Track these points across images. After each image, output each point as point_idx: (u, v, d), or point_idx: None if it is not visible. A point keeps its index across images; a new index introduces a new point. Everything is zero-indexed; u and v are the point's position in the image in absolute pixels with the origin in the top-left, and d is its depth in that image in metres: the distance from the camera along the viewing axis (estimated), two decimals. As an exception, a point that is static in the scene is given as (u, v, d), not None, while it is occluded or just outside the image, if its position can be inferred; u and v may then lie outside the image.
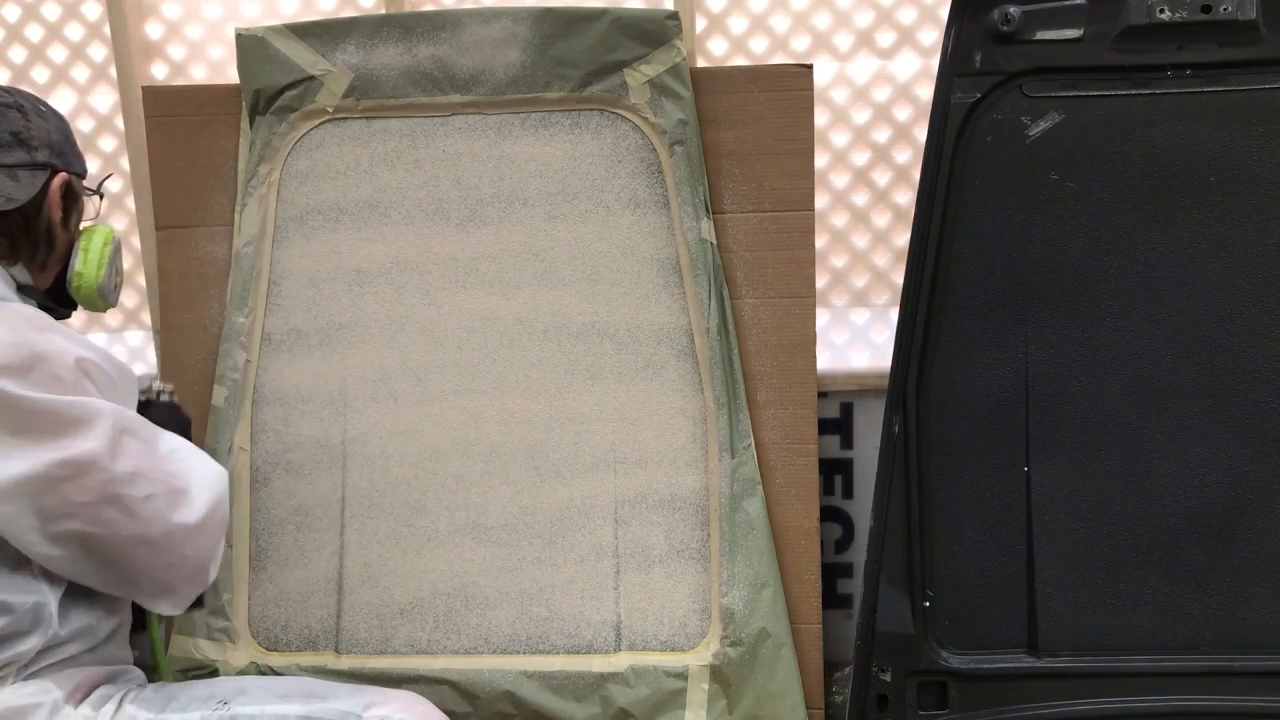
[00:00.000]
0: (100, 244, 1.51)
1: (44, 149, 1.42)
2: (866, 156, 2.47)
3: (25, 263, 1.43)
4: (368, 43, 2.24)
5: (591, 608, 2.25)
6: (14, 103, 1.42)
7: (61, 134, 1.47)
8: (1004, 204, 1.88)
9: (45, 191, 1.42)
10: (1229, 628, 1.93)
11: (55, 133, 1.46)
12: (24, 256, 1.42)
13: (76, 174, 1.50)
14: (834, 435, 2.48)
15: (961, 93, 1.83)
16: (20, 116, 1.41)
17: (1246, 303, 1.88)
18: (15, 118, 1.40)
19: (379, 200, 2.29)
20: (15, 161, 1.38)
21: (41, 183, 1.41)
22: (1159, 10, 1.79)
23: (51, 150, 1.43)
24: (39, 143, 1.41)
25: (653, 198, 2.24)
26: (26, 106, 1.43)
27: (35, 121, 1.43)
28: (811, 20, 2.43)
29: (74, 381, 1.29)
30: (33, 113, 1.43)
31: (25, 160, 1.39)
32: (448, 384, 2.29)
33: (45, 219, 1.43)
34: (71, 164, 1.48)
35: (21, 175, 1.39)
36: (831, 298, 2.54)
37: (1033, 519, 1.93)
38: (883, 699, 1.99)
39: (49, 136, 1.44)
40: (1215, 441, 1.90)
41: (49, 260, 1.47)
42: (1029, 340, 1.91)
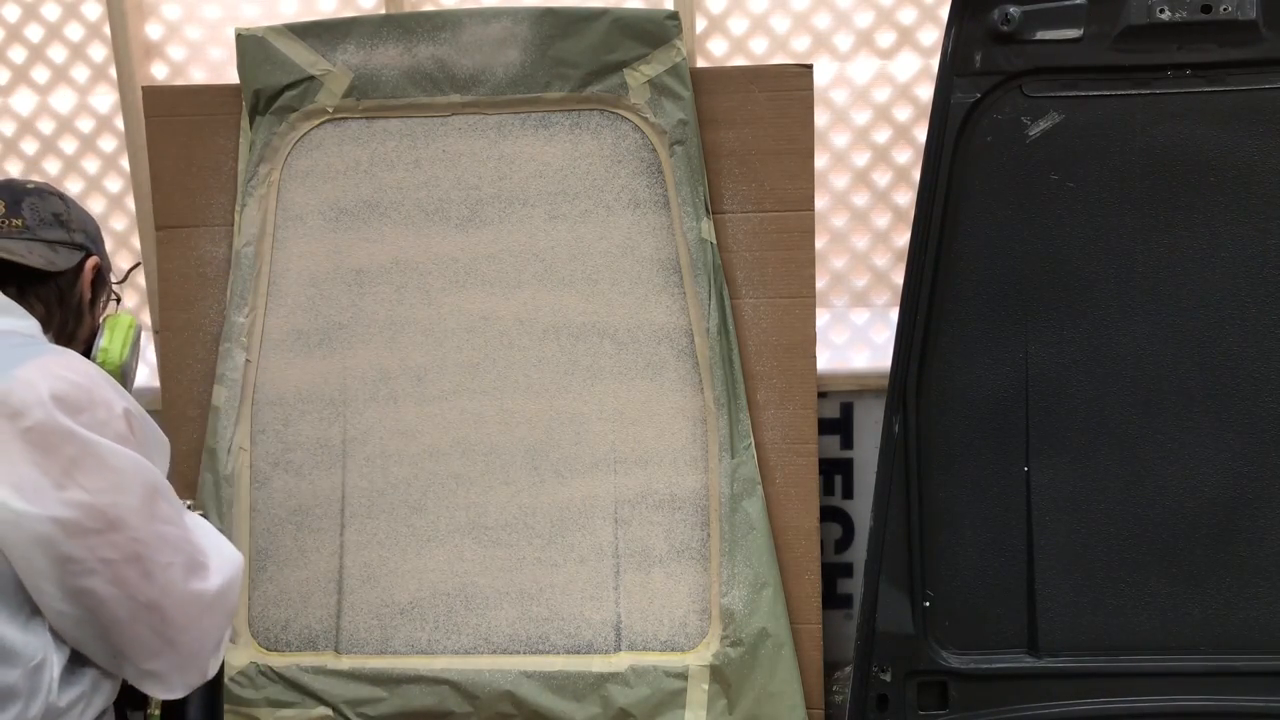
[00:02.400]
0: (126, 325, 1.60)
1: (80, 233, 1.53)
2: (866, 157, 2.47)
3: (56, 333, 1.49)
4: (368, 43, 2.24)
5: (591, 608, 2.25)
6: (56, 192, 1.55)
7: (96, 229, 1.59)
8: (1004, 204, 1.88)
9: (80, 270, 1.52)
10: (1229, 628, 1.93)
11: (90, 224, 1.56)
12: (55, 326, 1.49)
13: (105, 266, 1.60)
14: (834, 435, 2.48)
15: (961, 93, 1.83)
16: (61, 203, 1.53)
17: (1246, 303, 1.88)
18: (57, 203, 1.52)
19: (379, 200, 2.29)
20: (55, 238, 1.49)
21: (77, 260, 1.52)
22: (1159, 10, 1.79)
23: (87, 236, 1.54)
24: (76, 227, 1.53)
25: (653, 198, 2.24)
26: (67, 197, 1.56)
27: (74, 210, 1.54)
28: (811, 20, 2.43)
29: (121, 432, 1.32)
30: (72, 204, 1.55)
31: (64, 238, 1.50)
32: (448, 384, 2.29)
33: (78, 294, 1.53)
34: (103, 255, 1.59)
35: (60, 250, 1.49)
36: (831, 298, 2.54)
37: (1033, 519, 1.93)
38: (883, 699, 1.99)
39: (85, 225, 1.55)
40: (1215, 442, 1.90)
41: (76, 335, 1.54)
42: (1029, 340, 1.91)
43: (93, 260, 1.53)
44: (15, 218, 1.47)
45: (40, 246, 1.46)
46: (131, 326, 1.61)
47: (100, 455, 1.26)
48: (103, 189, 2.64)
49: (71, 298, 1.51)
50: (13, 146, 2.64)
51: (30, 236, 1.46)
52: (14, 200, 1.48)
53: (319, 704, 2.25)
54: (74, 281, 1.51)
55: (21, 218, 1.47)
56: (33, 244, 1.46)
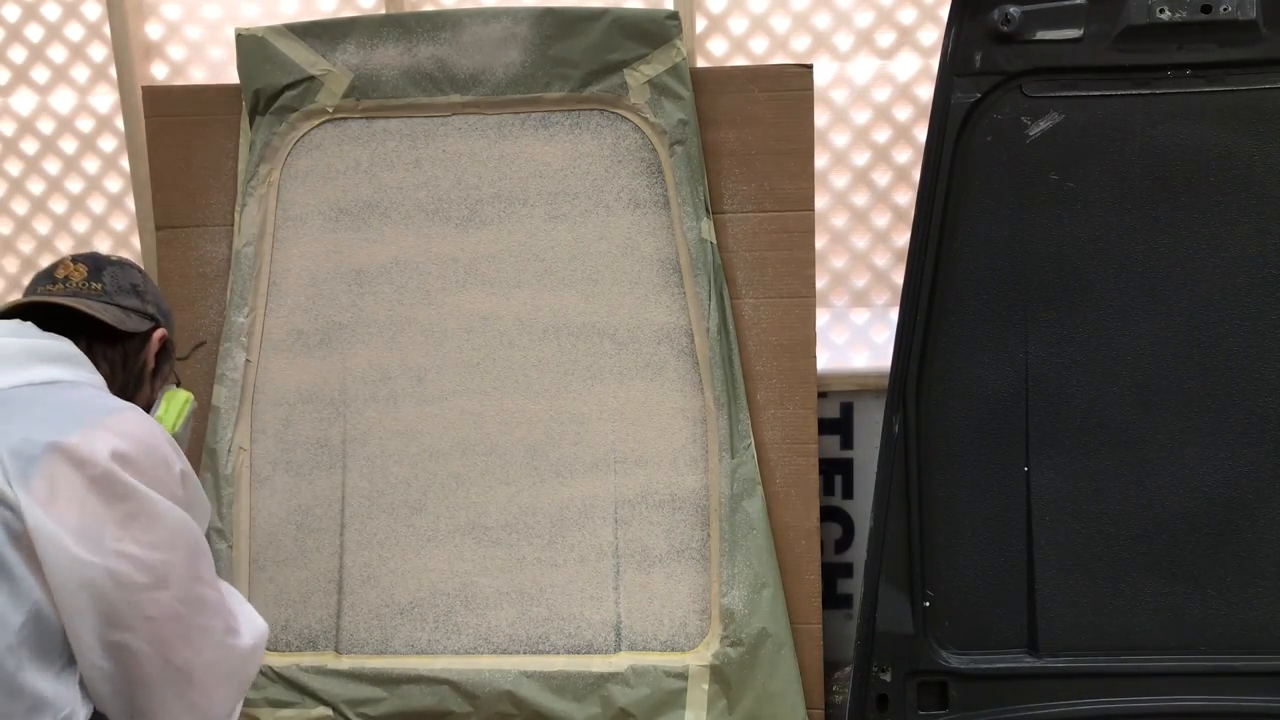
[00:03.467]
0: (182, 400, 1.65)
1: (153, 305, 1.61)
2: (866, 157, 2.47)
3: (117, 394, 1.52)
4: (368, 43, 2.24)
5: (591, 608, 2.25)
6: (137, 267, 1.63)
7: (168, 308, 1.66)
8: (1004, 204, 1.88)
9: (148, 338, 1.58)
10: (1229, 628, 1.93)
11: (163, 303, 1.64)
12: (117, 387, 1.53)
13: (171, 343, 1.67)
14: (834, 435, 2.48)
15: (961, 93, 1.83)
16: (140, 275, 1.61)
17: (1246, 303, 1.88)
18: (136, 275, 1.61)
19: (379, 200, 2.29)
20: (129, 305, 1.57)
21: (146, 329, 1.58)
22: (1159, 10, 1.79)
23: (159, 310, 1.62)
24: (150, 299, 1.61)
25: (653, 198, 2.24)
26: (146, 274, 1.65)
27: (150, 285, 1.63)
28: (811, 20, 2.43)
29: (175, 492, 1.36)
30: (149, 280, 1.64)
31: (137, 306, 1.58)
32: (448, 384, 2.29)
33: (142, 362, 1.58)
34: (170, 330, 1.65)
35: (132, 315, 1.56)
36: (831, 298, 2.54)
37: (1033, 519, 1.93)
38: (883, 699, 1.99)
39: (158, 300, 1.63)
40: (1215, 442, 1.90)
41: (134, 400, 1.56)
42: (1029, 340, 1.91)
43: (160, 332, 1.59)
44: (96, 282, 1.55)
45: (114, 309, 1.53)
46: (187, 402, 1.66)
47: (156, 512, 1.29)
48: (103, 189, 2.64)
49: (135, 363, 1.56)
50: (13, 146, 2.64)
51: (107, 300, 1.53)
52: (96, 268, 1.56)
53: (319, 704, 2.25)
54: (140, 348, 1.57)
55: (101, 283, 1.55)
56: (108, 306, 1.52)
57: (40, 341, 1.41)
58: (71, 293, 1.52)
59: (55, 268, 1.57)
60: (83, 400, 1.36)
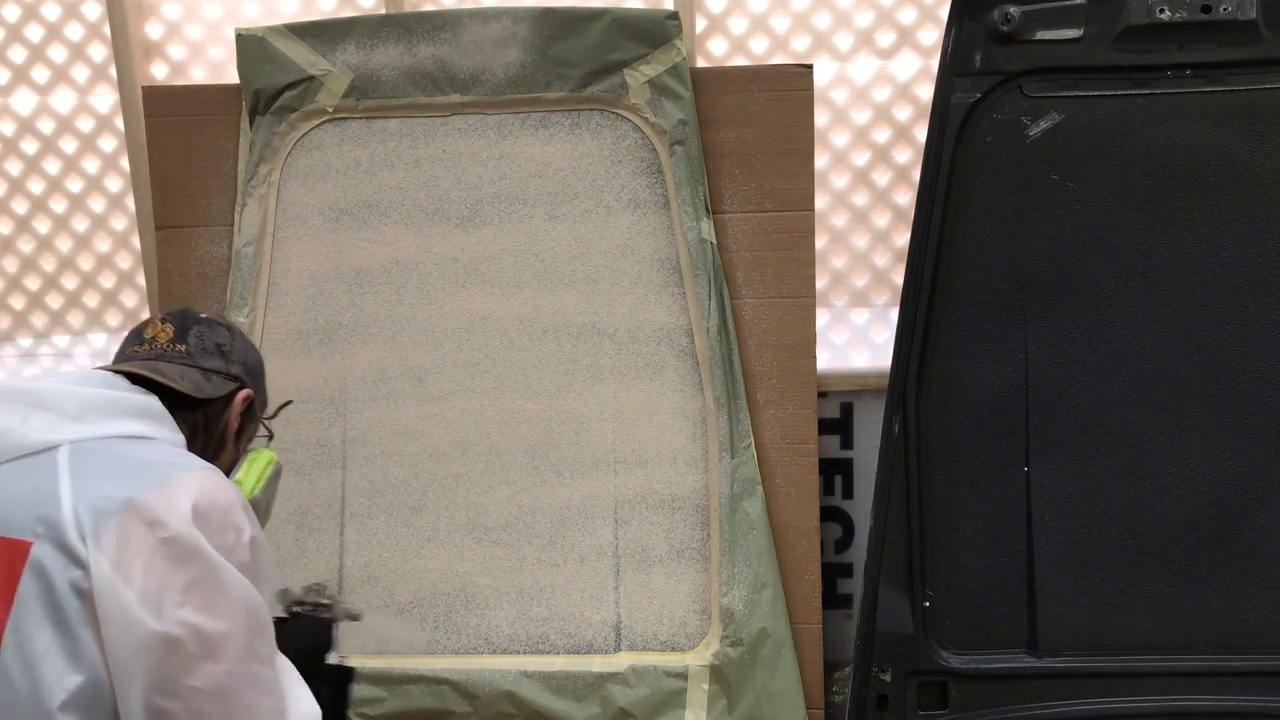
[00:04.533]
0: (265, 462, 1.62)
1: (239, 365, 1.56)
2: (866, 157, 2.47)
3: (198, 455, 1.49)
4: (368, 43, 2.24)
5: (591, 608, 2.25)
6: (226, 324, 1.59)
7: (257, 363, 1.61)
8: (1004, 204, 1.88)
9: (231, 399, 1.53)
10: (1229, 628, 1.93)
11: (252, 360, 1.60)
12: (197, 449, 1.50)
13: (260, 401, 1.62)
14: (834, 435, 2.48)
15: (961, 93, 1.83)
16: (227, 334, 1.57)
17: (1246, 303, 1.88)
18: (223, 334, 1.56)
19: (379, 200, 2.29)
20: (212, 367, 1.52)
21: (229, 390, 1.53)
22: (1159, 10, 1.79)
23: (246, 369, 1.57)
24: (236, 359, 1.56)
25: (653, 198, 2.23)
26: (235, 330, 1.60)
27: (239, 342, 1.58)
28: (811, 20, 2.43)
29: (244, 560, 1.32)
30: (239, 336, 1.59)
31: (220, 368, 1.53)
32: (448, 384, 2.29)
33: (224, 423, 1.54)
34: (258, 390, 1.60)
35: (214, 379, 1.52)
36: (831, 298, 2.54)
37: (1033, 519, 1.93)
38: (883, 699, 1.98)
39: (246, 358, 1.58)
40: (1215, 441, 1.90)
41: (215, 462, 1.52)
42: (1029, 340, 1.91)
43: (244, 393, 1.55)
44: (180, 343, 1.51)
45: (194, 373, 1.50)
46: (270, 464, 1.63)
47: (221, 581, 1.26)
48: (103, 189, 2.64)
49: (216, 426, 1.53)
50: (13, 146, 2.64)
51: (188, 363, 1.50)
52: (182, 327, 1.53)
53: (319, 704, 2.25)
54: (222, 411, 1.53)
55: (186, 344, 1.52)
56: (188, 369, 1.49)
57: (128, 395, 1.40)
58: (155, 355, 1.50)
59: (145, 326, 1.54)
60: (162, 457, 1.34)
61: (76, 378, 1.41)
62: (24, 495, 1.23)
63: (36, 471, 1.25)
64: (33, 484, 1.24)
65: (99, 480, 1.25)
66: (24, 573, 1.19)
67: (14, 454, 1.27)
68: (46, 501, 1.22)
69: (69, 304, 2.70)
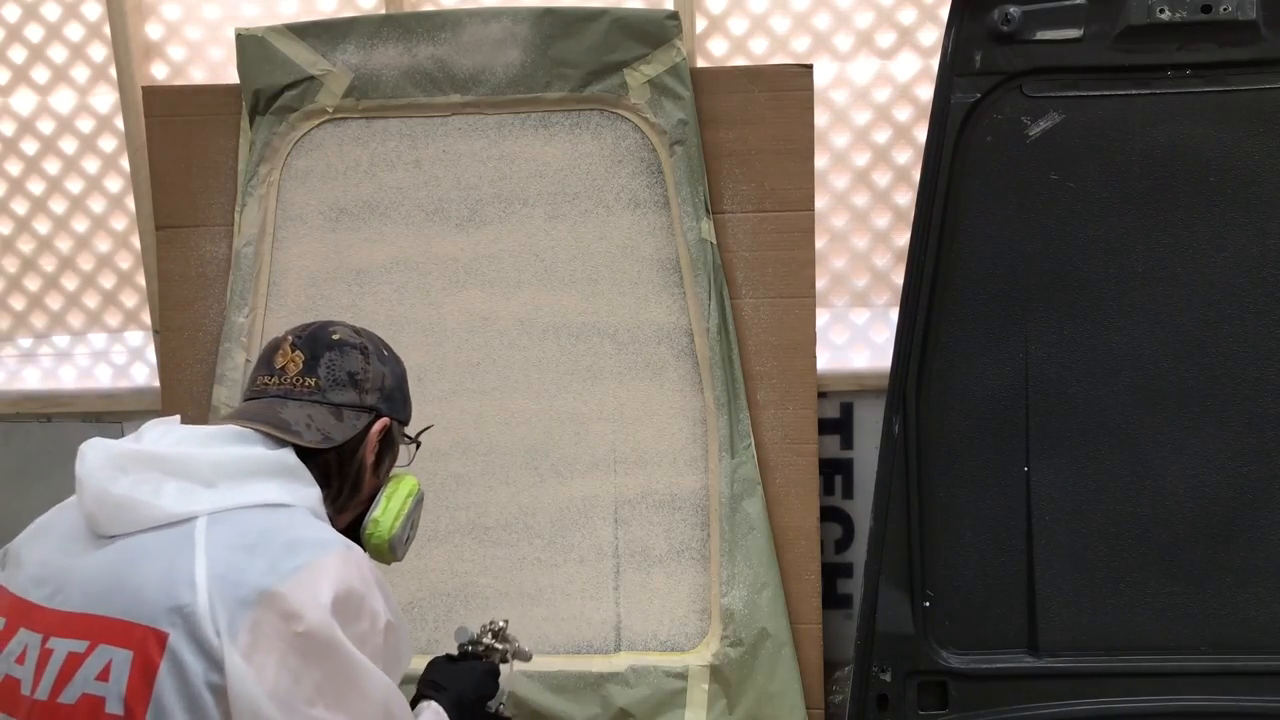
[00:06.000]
0: (404, 495, 1.50)
1: (375, 393, 1.44)
2: (867, 157, 2.47)
3: (331, 499, 1.41)
4: (368, 43, 2.24)
5: (591, 608, 2.25)
6: (360, 344, 1.45)
7: (395, 380, 1.49)
8: (1004, 204, 1.88)
9: (365, 434, 1.42)
10: (1229, 628, 1.93)
11: (390, 378, 1.47)
12: (331, 492, 1.41)
13: (399, 420, 1.50)
14: (834, 435, 2.48)
15: (961, 93, 1.84)
16: (361, 358, 1.44)
17: (1246, 303, 1.88)
18: (356, 359, 1.43)
19: (379, 200, 2.29)
20: (344, 401, 1.41)
21: (363, 425, 1.42)
22: (1159, 10, 1.79)
23: (381, 395, 1.45)
24: (371, 386, 1.44)
25: (653, 198, 2.24)
26: (370, 349, 1.46)
27: (374, 365, 1.45)
28: (811, 20, 2.43)
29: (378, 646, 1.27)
30: (374, 356, 1.46)
31: (354, 401, 1.42)
32: (448, 384, 2.29)
33: (359, 461, 1.43)
34: (396, 410, 1.48)
35: (346, 415, 1.41)
36: (831, 298, 2.54)
37: (1033, 519, 1.93)
38: (883, 699, 1.99)
39: (383, 382, 1.46)
40: (1215, 442, 1.90)
41: (351, 502, 1.46)
42: (1029, 340, 1.91)
43: (380, 424, 1.44)
44: (310, 376, 1.40)
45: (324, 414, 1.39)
46: (411, 494, 1.50)
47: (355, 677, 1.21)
48: (103, 189, 2.64)
49: (350, 467, 1.42)
50: (13, 146, 2.64)
51: (319, 399, 1.39)
52: (313, 356, 1.41)
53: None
54: (356, 449, 1.42)
55: (316, 377, 1.40)
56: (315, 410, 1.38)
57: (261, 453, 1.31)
58: (284, 390, 1.39)
59: (275, 352, 1.43)
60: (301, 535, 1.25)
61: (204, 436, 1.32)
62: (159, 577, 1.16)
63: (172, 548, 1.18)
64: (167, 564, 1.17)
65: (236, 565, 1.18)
66: (161, 665, 1.13)
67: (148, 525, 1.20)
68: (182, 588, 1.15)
69: (69, 304, 2.69)
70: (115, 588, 1.17)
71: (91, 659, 1.15)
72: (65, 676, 1.16)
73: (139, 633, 1.14)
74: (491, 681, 1.65)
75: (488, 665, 1.66)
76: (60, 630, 1.18)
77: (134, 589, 1.16)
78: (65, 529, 1.26)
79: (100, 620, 1.16)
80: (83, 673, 1.15)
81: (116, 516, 1.20)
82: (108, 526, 1.20)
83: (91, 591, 1.18)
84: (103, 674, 1.14)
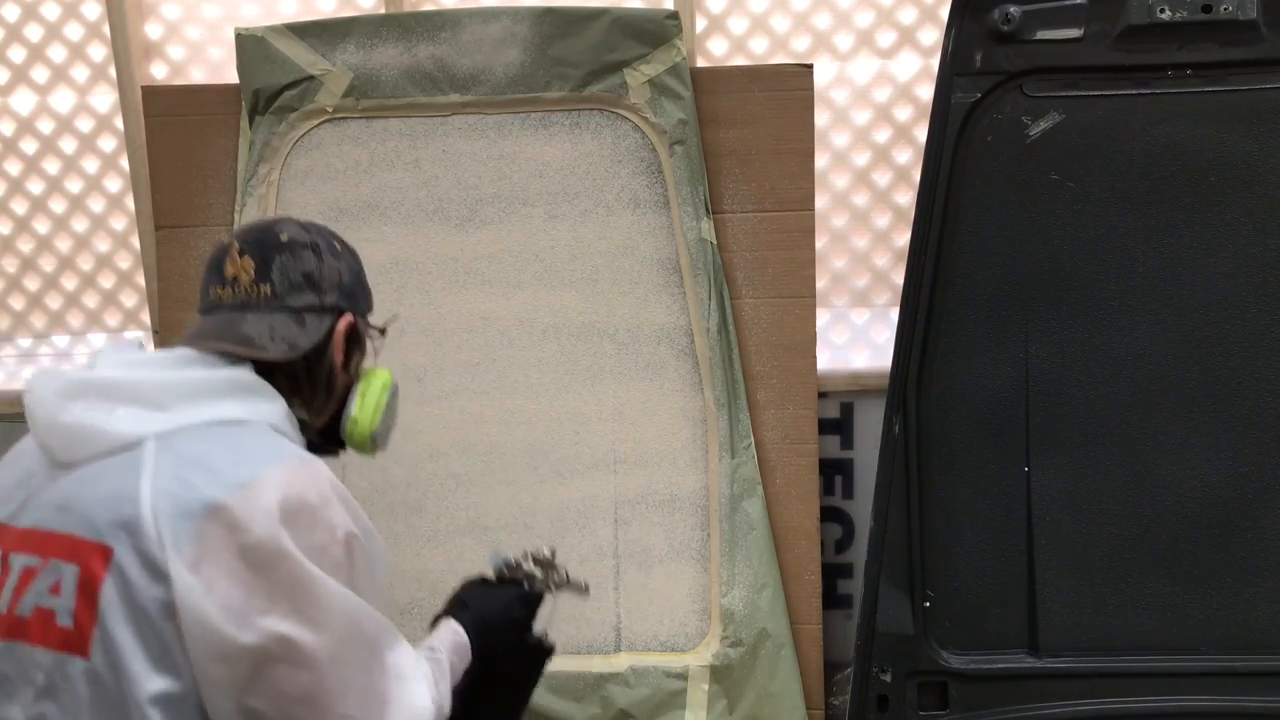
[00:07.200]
0: (379, 389, 1.48)
1: (333, 291, 1.41)
2: (867, 157, 2.47)
3: (304, 404, 1.40)
4: (367, 43, 2.24)
5: (591, 608, 2.25)
6: (310, 242, 1.41)
7: (353, 274, 1.46)
8: (1004, 204, 1.88)
9: (330, 335, 1.40)
10: (1229, 628, 1.93)
11: (347, 273, 1.44)
12: (303, 397, 1.39)
13: (362, 314, 1.48)
14: (834, 435, 2.48)
15: (962, 93, 1.83)
16: (314, 257, 1.40)
17: (1247, 303, 1.88)
18: (309, 258, 1.39)
19: (379, 200, 2.29)
20: (304, 305, 1.38)
21: (327, 327, 1.39)
22: (1159, 10, 1.79)
23: (341, 292, 1.42)
24: (329, 284, 1.40)
25: (653, 198, 2.23)
26: (322, 246, 1.42)
27: (329, 262, 1.41)
28: (811, 20, 2.43)
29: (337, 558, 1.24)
30: (327, 252, 1.42)
31: (314, 303, 1.39)
32: (448, 384, 2.28)
33: (328, 363, 1.41)
34: (358, 305, 1.46)
35: (309, 319, 1.38)
36: (831, 298, 2.54)
37: (1033, 519, 1.93)
38: (883, 699, 1.98)
39: (340, 278, 1.42)
40: (1215, 441, 1.90)
41: (327, 404, 1.44)
42: (1029, 340, 1.91)
43: (345, 321, 1.41)
44: (264, 283, 1.36)
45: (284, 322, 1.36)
46: (386, 387, 1.48)
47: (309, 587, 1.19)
48: (103, 189, 2.64)
49: (320, 370, 1.40)
50: (12, 146, 2.63)
51: (276, 306, 1.35)
52: (264, 260, 1.36)
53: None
54: (323, 351, 1.39)
55: (270, 283, 1.35)
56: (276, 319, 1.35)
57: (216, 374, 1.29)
58: (239, 302, 1.35)
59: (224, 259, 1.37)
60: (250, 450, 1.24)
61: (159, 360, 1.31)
62: (106, 495, 1.17)
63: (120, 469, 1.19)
64: (115, 483, 1.18)
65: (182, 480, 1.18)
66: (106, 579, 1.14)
67: (100, 451, 1.20)
68: (126, 504, 1.16)
69: (68, 304, 2.69)
70: (67, 508, 1.19)
71: (44, 574, 1.18)
72: (20, 590, 1.18)
73: (86, 548, 1.16)
74: (523, 607, 1.59)
75: (523, 591, 1.60)
76: (18, 546, 1.20)
77: (84, 509, 1.18)
78: (30, 457, 1.27)
79: (52, 536, 1.19)
80: (36, 586, 1.18)
81: (69, 444, 1.22)
82: (63, 454, 1.22)
83: (47, 511, 1.20)
84: (54, 588, 1.17)
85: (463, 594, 1.56)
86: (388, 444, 1.54)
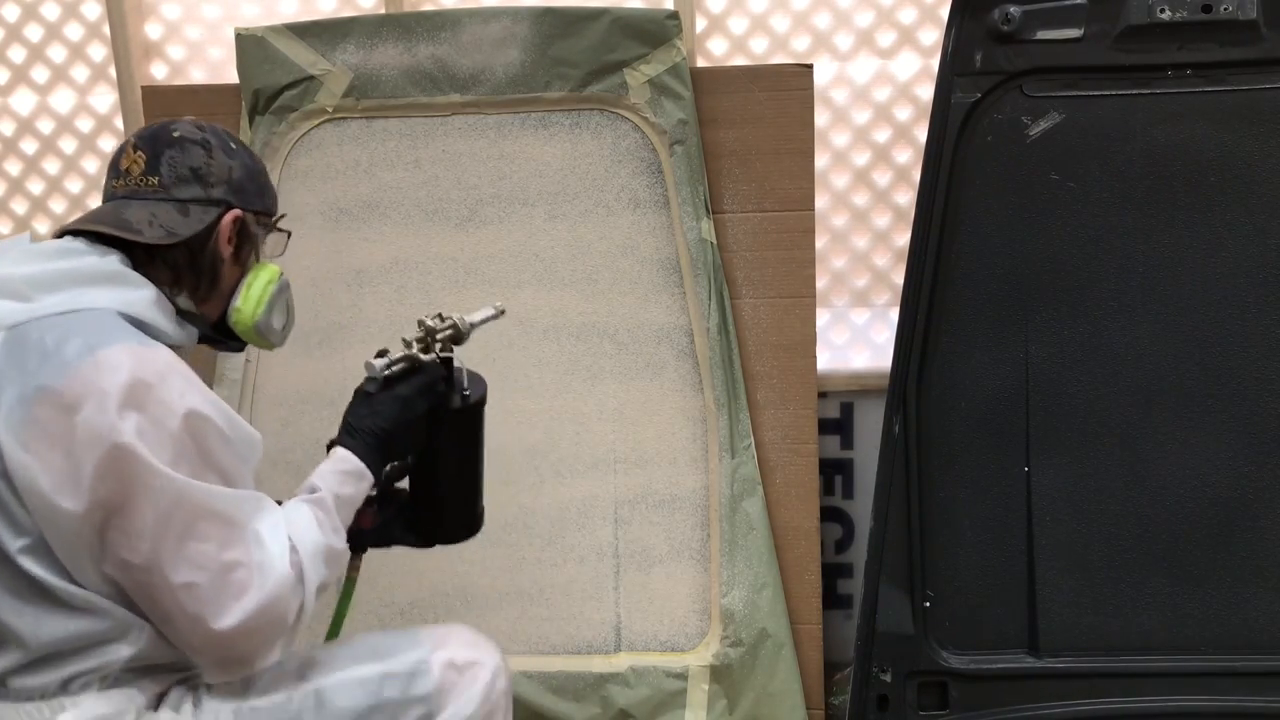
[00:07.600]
0: (264, 282, 1.51)
1: (221, 185, 1.46)
2: (867, 157, 2.47)
3: (189, 293, 1.46)
4: (367, 43, 2.24)
5: (591, 608, 2.25)
6: (202, 139, 1.47)
7: (245, 171, 1.50)
8: (1004, 204, 1.88)
9: (214, 227, 1.45)
10: (1229, 628, 1.93)
11: (238, 170, 1.49)
12: (187, 287, 1.46)
13: (256, 212, 1.51)
14: (834, 435, 2.48)
15: (962, 93, 1.83)
16: (203, 153, 1.46)
17: (1247, 303, 1.88)
18: (198, 154, 1.45)
19: (379, 200, 2.29)
20: (189, 196, 1.44)
21: (211, 219, 1.45)
22: (1159, 10, 1.79)
23: (229, 187, 1.47)
24: (217, 179, 1.46)
25: (653, 198, 2.23)
26: (213, 143, 1.47)
27: (219, 158, 1.47)
28: (811, 20, 2.43)
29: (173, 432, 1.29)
30: (219, 149, 1.48)
31: (199, 195, 1.45)
32: (448, 384, 2.28)
33: (211, 253, 1.46)
34: (249, 201, 1.50)
35: (193, 210, 1.44)
36: (831, 298, 2.54)
37: (1033, 519, 1.93)
38: (883, 699, 1.98)
39: (229, 174, 1.47)
40: (1215, 441, 1.90)
41: (212, 294, 1.49)
42: (1029, 340, 1.91)
43: (231, 215, 1.46)
44: (153, 175, 1.43)
45: (168, 210, 1.42)
46: (271, 281, 1.51)
47: (136, 466, 1.25)
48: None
49: (203, 259, 1.45)
50: (12, 146, 2.64)
51: (162, 196, 1.42)
52: (154, 155, 1.43)
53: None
54: (205, 241, 1.45)
55: (159, 175, 1.43)
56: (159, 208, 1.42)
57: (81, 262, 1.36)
58: (129, 192, 1.43)
59: (121, 154, 1.45)
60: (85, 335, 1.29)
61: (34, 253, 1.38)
62: None
63: None
64: None
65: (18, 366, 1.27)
66: None
67: None
68: None
69: (69, 304, 2.69)
70: None
71: None
72: None
73: None
74: (420, 398, 1.54)
75: (410, 386, 1.54)
76: None
77: None
78: None
79: None
80: None
81: None
82: None
83: None
84: None
85: (347, 416, 1.53)
86: (284, 340, 1.58)
